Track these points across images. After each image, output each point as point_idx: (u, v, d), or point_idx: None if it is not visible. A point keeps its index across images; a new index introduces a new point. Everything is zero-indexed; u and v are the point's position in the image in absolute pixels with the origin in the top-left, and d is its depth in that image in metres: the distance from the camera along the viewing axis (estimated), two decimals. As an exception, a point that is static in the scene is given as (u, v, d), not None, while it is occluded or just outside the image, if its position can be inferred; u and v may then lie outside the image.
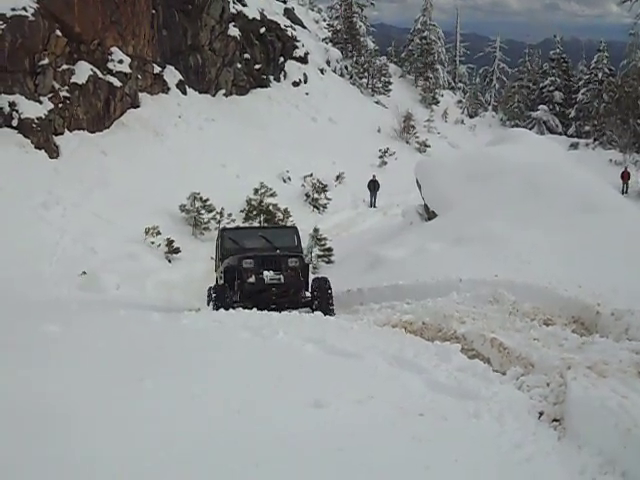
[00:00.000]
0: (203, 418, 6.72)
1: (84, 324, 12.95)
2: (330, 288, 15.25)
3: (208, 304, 15.73)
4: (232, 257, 15.89)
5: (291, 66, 49.85)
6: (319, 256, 23.66)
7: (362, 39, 64.78)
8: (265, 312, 13.58)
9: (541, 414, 7.37)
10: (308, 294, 15.63)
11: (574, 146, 54.32)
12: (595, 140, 55.94)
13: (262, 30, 47.60)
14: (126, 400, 7.07)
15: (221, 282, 15.65)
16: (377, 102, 56.97)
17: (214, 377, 8.20)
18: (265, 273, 14.90)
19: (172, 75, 39.19)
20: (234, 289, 15.14)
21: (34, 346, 9.48)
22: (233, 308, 14.13)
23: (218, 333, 12.23)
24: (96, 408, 6.76)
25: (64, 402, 6.84)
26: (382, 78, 60.12)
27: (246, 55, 45.66)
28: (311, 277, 16.36)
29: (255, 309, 13.67)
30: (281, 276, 14.97)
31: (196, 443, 6.12)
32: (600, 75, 63.19)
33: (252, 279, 14.89)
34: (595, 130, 57.69)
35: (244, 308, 13.92)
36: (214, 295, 14.93)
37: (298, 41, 51.99)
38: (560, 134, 62.14)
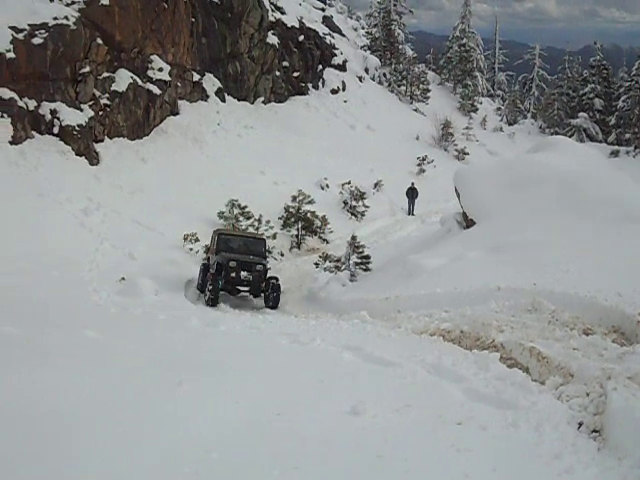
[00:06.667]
0: (243, 421, 6.77)
1: (123, 329, 13.09)
2: (279, 285, 21.74)
3: (200, 279, 22.37)
4: (223, 255, 22.10)
5: (329, 74, 49.88)
6: (357, 263, 23.55)
7: (400, 47, 64.65)
8: (302, 319, 13.85)
9: (580, 425, 7.31)
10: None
11: (614, 154, 53.58)
12: (636, 148, 55.10)
13: (301, 38, 47.69)
14: (165, 403, 7.13)
15: (213, 270, 21.47)
16: (415, 110, 56.75)
17: (254, 381, 8.26)
18: (242, 273, 21.60)
19: (211, 83, 39.41)
20: (221, 276, 21.14)
21: (73, 350, 9.59)
22: (219, 291, 20.83)
23: (256, 339, 12.31)
24: (133, 410, 6.83)
25: (99, 404, 6.93)
26: (420, 85, 59.83)
27: (285, 63, 45.77)
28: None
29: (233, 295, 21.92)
30: (251, 276, 21.63)
31: (236, 445, 6.16)
32: (641, 82, 62.48)
33: (234, 274, 21.51)
34: (636, 138, 56.88)
35: (224, 290, 21.39)
36: (210, 282, 20.80)
37: (337, 49, 52.06)
38: (600, 142, 61.36)
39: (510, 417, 7.35)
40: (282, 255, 28.68)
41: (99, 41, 30.77)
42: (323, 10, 57.30)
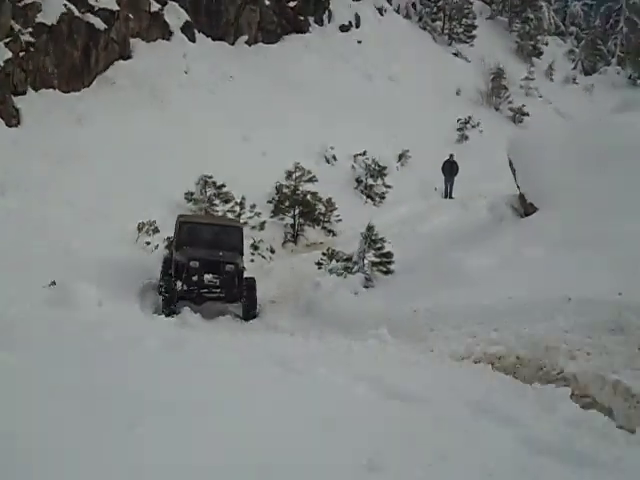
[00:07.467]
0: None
1: (53, 351, 13.06)
2: (255, 288, 22.56)
3: (160, 281, 23.04)
4: (184, 251, 22.81)
5: (338, 4, 49.81)
6: (374, 264, 23.50)
7: (436, -33, 64.72)
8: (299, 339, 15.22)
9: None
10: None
11: None
12: None
13: (299, -46, 47.77)
14: (113, 455, 7.12)
15: (172, 271, 22.63)
16: (456, 54, 56.81)
17: (233, 429, 8.22)
18: (206, 276, 22.06)
19: (175, 15, 39.38)
20: (181, 280, 21.97)
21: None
22: (177, 299, 21.72)
23: (236, 367, 12.30)
24: (70, 464, 6.82)
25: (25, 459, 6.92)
26: (463, 20, 59.79)
27: (277, -13, 45.83)
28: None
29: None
30: (218, 280, 22.17)
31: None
32: None
33: (195, 278, 22.01)
34: None
35: (186, 299, 21.95)
36: (164, 288, 21.94)
37: (348, -31, 52.10)
38: None
39: (587, 478, 7.36)
40: (272, 252, 28.83)
41: (20, -47, 30.74)
42: None
